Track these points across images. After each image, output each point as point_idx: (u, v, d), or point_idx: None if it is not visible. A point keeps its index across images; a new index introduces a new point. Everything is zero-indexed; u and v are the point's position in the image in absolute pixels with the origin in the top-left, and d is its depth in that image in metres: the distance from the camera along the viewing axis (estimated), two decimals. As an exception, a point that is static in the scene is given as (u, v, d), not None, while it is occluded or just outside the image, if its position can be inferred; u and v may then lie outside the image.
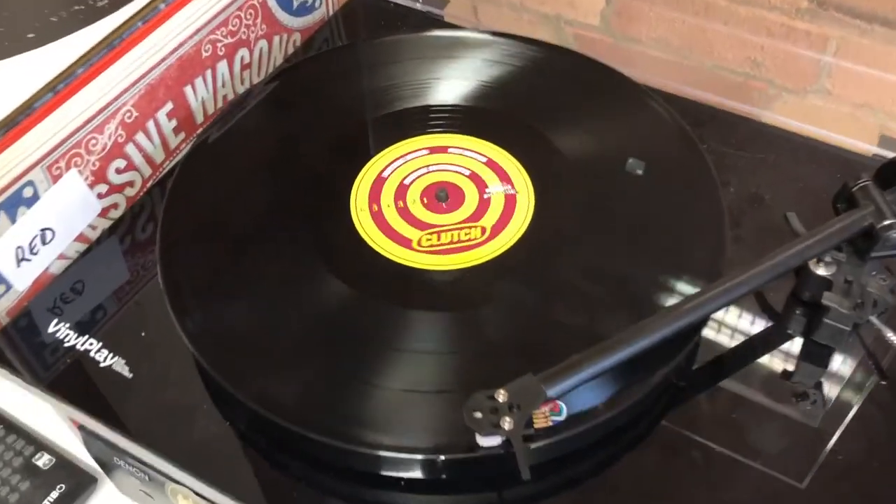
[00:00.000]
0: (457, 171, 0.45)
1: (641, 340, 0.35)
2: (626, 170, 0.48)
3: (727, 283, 0.37)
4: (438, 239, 0.43)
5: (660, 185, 0.45)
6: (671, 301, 0.39)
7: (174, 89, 0.47)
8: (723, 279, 0.37)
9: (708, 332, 0.41)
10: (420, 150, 0.47)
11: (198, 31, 0.47)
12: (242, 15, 0.50)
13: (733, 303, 0.39)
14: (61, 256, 0.44)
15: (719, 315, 0.42)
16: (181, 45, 0.46)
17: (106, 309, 0.46)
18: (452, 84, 0.51)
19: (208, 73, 0.49)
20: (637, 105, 0.49)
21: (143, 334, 0.42)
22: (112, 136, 0.44)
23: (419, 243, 0.42)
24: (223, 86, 0.51)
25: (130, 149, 0.46)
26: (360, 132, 0.49)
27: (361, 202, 0.44)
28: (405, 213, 0.44)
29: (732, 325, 0.42)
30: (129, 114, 0.44)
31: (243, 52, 0.51)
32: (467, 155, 0.46)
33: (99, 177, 0.44)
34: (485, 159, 0.46)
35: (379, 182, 0.45)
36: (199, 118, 0.50)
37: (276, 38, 0.54)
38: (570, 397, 0.35)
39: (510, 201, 0.43)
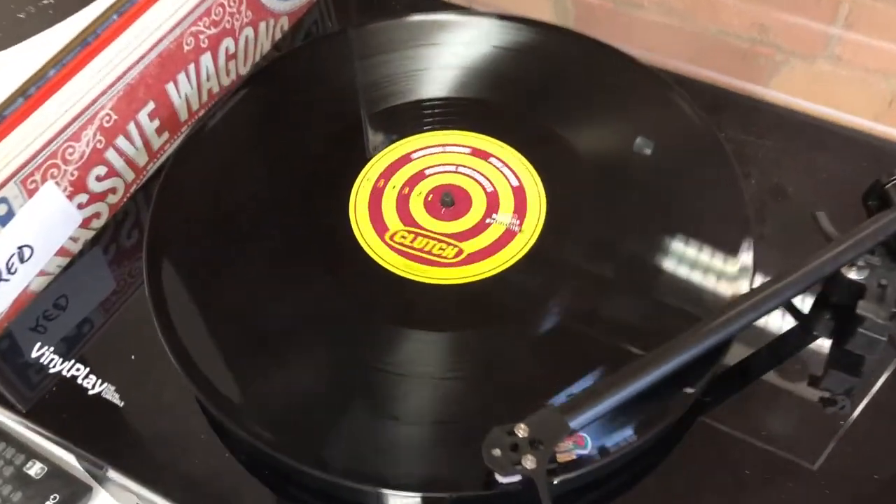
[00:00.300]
0: (480, 184, 0.42)
1: (670, 363, 0.33)
2: (634, 150, 0.46)
3: (758, 296, 0.35)
4: (412, 241, 0.40)
5: (679, 184, 0.42)
6: (696, 313, 0.37)
7: (155, 88, 0.44)
8: (753, 292, 0.35)
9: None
10: (463, 146, 0.44)
11: (178, 23, 0.43)
12: (226, 3, 0.46)
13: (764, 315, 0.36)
14: (42, 273, 0.42)
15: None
16: (161, 39, 0.43)
17: (92, 322, 0.44)
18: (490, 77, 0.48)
19: (191, 67, 0.46)
20: (656, 98, 0.46)
21: (132, 357, 0.40)
22: (90, 143, 0.41)
23: (392, 237, 0.40)
24: (207, 79, 0.47)
25: (111, 154, 0.43)
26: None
27: (373, 174, 0.43)
28: (403, 201, 0.41)
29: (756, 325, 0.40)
30: (107, 117, 0.41)
31: (228, 43, 0.48)
32: (503, 171, 0.43)
33: (78, 187, 0.41)
34: (516, 183, 0.42)
35: (403, 160, 0.43)
36: (184, 115, 0.47)
37: (263, 25, 0.51)
38: (594, 426, 0.33)
39: (507, 237, 0.40)
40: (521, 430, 0.31)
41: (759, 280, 0.38)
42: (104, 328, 0.43)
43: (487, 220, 0.40)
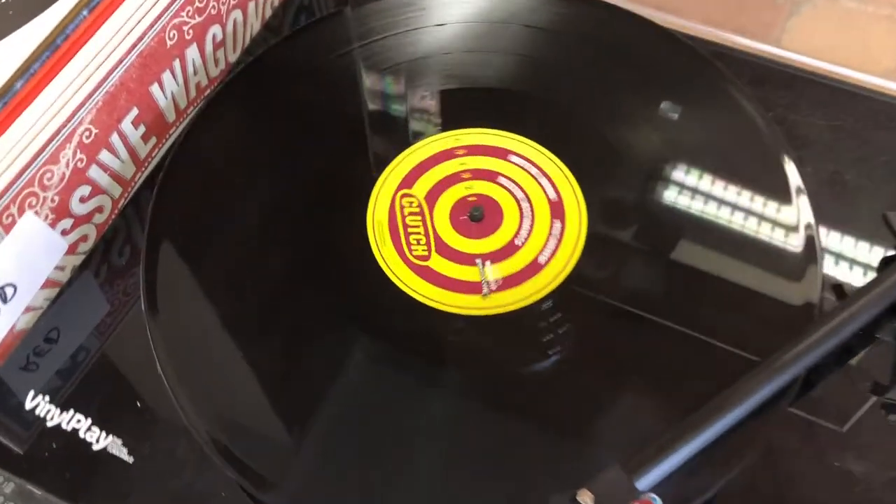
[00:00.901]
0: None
1: (744, 404, 0.30)
2: (659, 114, 0.42)
3: (833, 321, 0.31)
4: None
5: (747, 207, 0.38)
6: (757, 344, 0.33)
7: (138, 92, 0.38)
8: (829, 315, 0.32)
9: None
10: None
11: (159, 17, 0.38)
12: (210, -13, 0.41)
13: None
14: (28, 309, 0.37)
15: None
16: (141, 38, 0.37)
17: (88, 349, 0.40)
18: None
19: (176, 63, 0.40)
20: (712, 90, 0.41)
21: (138, 404, 0.36)
22: (70, 163, 0.36)
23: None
24: (195, 73, 0.42)
25: (94, 172, 0.38)
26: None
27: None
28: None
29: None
30: (87, 132, 0.36)
31: (215, 30, 0.42)
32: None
33: (61, 212, 0.37)
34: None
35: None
36: (171, 116, 0.42)
37: (252, 5, 0.45)
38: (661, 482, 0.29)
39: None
40: (587, 498, 0.28)
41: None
42: (102, 360, 0.39)
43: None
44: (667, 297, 0.35)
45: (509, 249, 0.35)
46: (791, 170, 0.38)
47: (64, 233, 0.38)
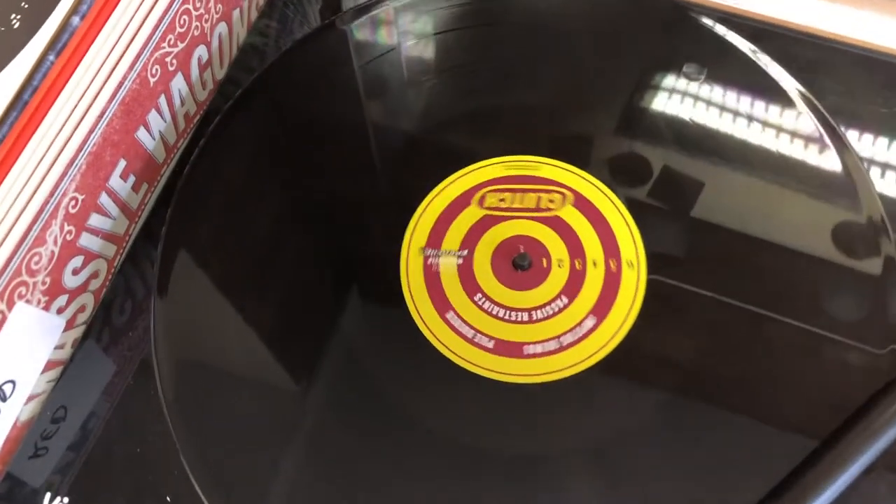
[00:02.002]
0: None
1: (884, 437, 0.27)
2: (682, 76, 0.38)
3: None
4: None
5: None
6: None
7: (123, 142, 0.34)
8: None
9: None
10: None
11: (139, 55, 0.33)
12: (191, 7, 0.35)
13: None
14: (31, 398, 0.34)
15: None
16: (121, 83, 0.32)
17: (97, 415, 0.37)
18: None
19: (162, 99, 0.35)
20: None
21: (168, 498, 0.33)
22: (58, 240, 0.32)
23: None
24: (182, 104, 0.37)
25: (85, 239, 0.33)
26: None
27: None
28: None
29: None
30: (73, 202, 0.32)
31: (200, 52, 0.37)
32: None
33: (54, 291, 0.32)
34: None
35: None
36: (161, 156, 0.37)
37: (236, 13, 0.40)
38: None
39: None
40: None
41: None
42: (114, 432, 0.36)
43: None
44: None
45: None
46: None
47: (60, 311, 0.34)
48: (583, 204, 0.34)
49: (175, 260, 0.35)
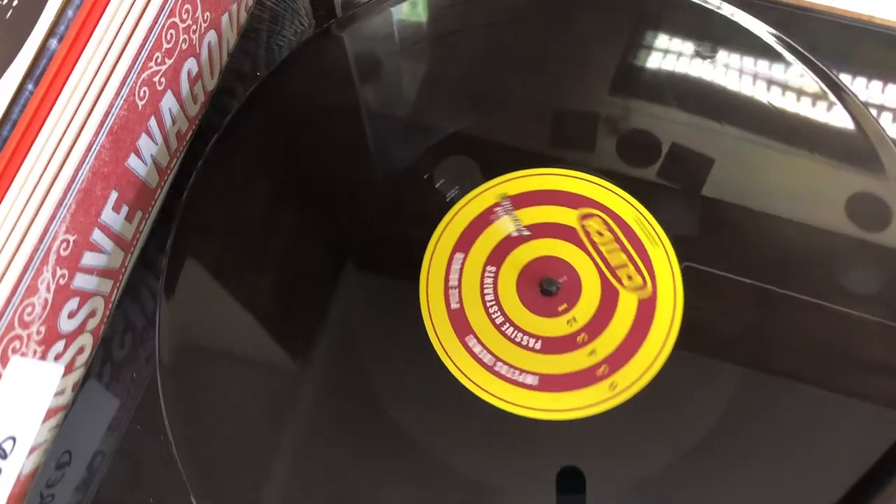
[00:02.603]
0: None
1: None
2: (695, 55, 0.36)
3: None
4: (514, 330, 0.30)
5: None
6: None
7: (114, 173, 0.31)
8: None
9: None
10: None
11: (125, 78, 0.30)
12: (178, 20, 0.32)
13: None
14: (33, 449, 0.32)
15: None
16: (108, 112, 0.30)
17: (104, 452, 0.35)
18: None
19: (152, 122, 0.33)
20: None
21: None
22: (51, 286, 0.29)
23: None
24: (174, 123, 0.35)
25: (79, 280, 0.31)
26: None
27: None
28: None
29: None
30: (64, 245, 0.29)
31: (189, 65, 0.34)
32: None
33: (50, 338, 0.30)
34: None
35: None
36: (154, 181, 0.34)
37: (225, 18, 0.37)
38: None
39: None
40: None
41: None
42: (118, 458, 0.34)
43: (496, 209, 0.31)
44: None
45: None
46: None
47: (57, 357, 0.31)
48: (647, 309, 0.31)
49: (181, 271, 0.32)
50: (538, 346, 0.30)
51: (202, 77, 0.36)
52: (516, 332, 0.30)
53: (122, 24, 0.30)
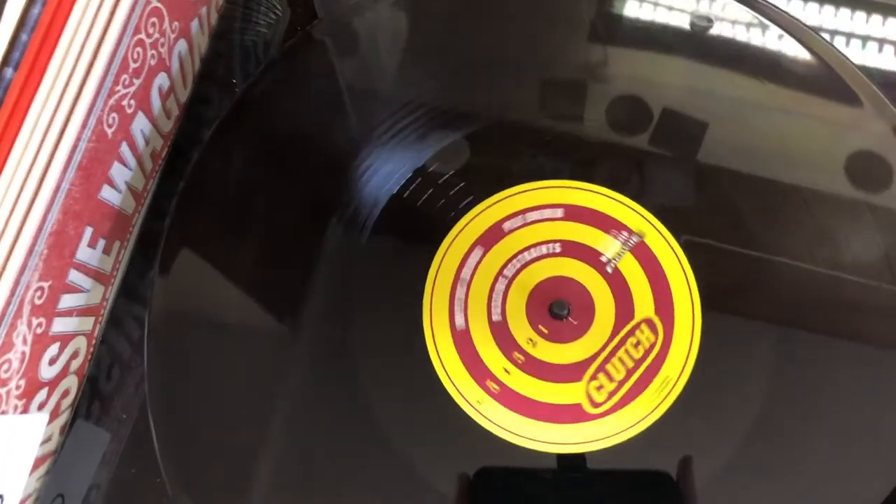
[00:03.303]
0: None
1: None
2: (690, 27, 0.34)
3: None
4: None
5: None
6: None
7: (86, 209, 0.29)
8: None
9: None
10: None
11: (91, 107, 0.27)
12: (143, 36, 0.30)
13: None
14: (22, 501, 0.30)
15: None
16: (75, 146, 0.27)
17: (98, 485, 0.34)
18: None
19: (123, 147, 0.30)
20: None
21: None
22: (28, 338, 0.27)
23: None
24: (147, 144, 0.32)
25: (58, 325, 0.29)
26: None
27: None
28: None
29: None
30: (38, 293, 0.27)
31: (160, 81, 0.32)
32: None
33: (31, 390, 0.28)
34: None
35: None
36: (130, 208, 0.32)
37: (195, 24, 0.34)
38: None
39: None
40: None
41: None
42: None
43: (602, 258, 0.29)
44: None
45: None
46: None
47: (41, 406, 0.30)
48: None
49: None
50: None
51: (174, 90, 0.33)
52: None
53: (82, 47, 0.27)
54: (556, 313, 0.29)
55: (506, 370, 0.28)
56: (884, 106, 0.32)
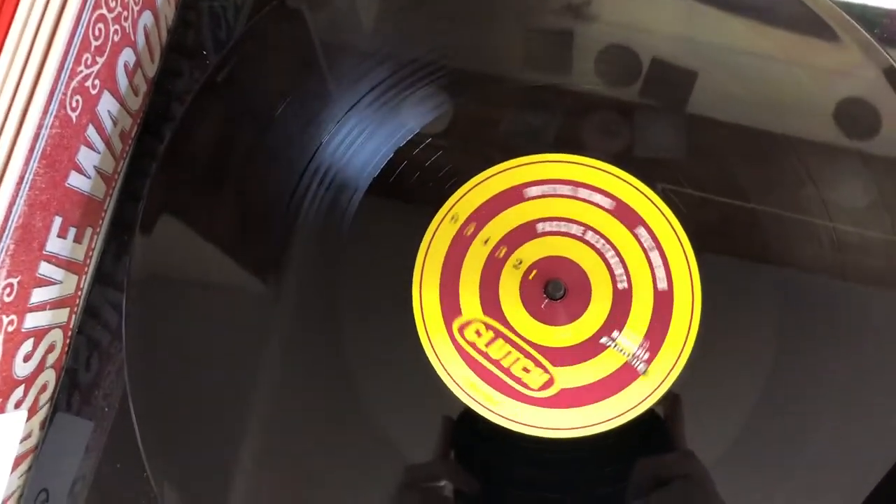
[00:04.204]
0: (612, 271, 0.28)
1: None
2: None
3: None
4: (487, 344, 0.28)
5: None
6: None
7: (54, 198, 0.27)
8: None
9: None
10: (608, 195, 0.29)
11: (52, 93, 0.26)
12: (105, 10, 0.28)
13: None
14: (4, 502, 0.29)
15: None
16: (37, 135, 0.26)
17: (84, 477, 0.33)
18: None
19: (90, 131, 0.29)
20: None
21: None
22: (-1, 338, 0.26)
23: (461, 329, 0.28)
24: (115, 124, 0.30)
25: (31, 320, 0.28)
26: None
27: (463, 210, 0.29)
28: (492, 269, 0.29)
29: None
30: (8, 290, 0.26)
31: (126, 57, 0.30)
32: (651, 256, 0.28)
33: (7, 388, 0.27)
34: (664, 286, 0.28)
35: (511, 196, 0.29)
36: (100, 192, 0.31)
37: (160, -7, 0.32)
38: None
39: (622, 376, 0.27)
40: None
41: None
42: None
43: (602, 339, 0.28)
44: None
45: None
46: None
47: (18, 404, 0.28)
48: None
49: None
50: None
51: (141, 66, 0.31)
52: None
53: (38, 27, 0.26)
54: (550, 293, 0.28)
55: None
56: (875, 51, 0.31)
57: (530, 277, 0.28)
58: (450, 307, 0.28)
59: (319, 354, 0.29)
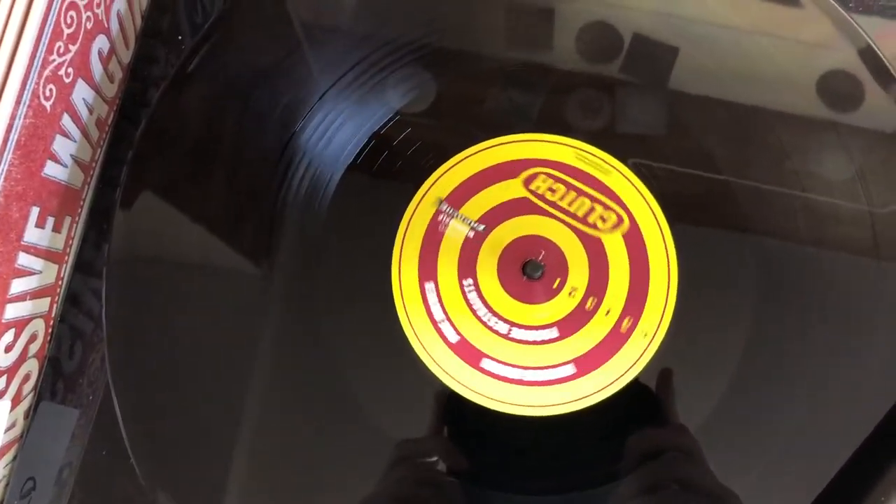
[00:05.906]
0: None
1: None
2: None
3: None
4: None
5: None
6: None
7: (30, 188, 0.27)
8: None
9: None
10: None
11: (24, 83, 0.25)
12: (76, -2, 0.27)
13: None
14: (-9, 490, 0.30)
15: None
16: (10, 126, 0.25)
17: (71, 462, 0.33)
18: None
19: (65, 120, 0.28)
20: None
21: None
22: (-21, 329, 0.26)
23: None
24: (91, 112, 0.30)
25: (11, 311, 0.28)
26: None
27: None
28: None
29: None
30: (-15, 282, 0.26)
31: (100, 44, 0.30)
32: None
33: (-12, 380, 0.27)
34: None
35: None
36: (78, 181, 0.31)
37: (133, -22, 0.32)
38: None
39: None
40: None
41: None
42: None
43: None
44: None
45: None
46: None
47: (1, 394, 0.29)
48: (634, 239, 0.29)
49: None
50: (555, 334, 0.28)
51: (116, 52, 0.31)
52: (526, 331, 0.28)
53: (7, 16, 0.25)
54: (531, 276, 0.28)
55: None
56: (849, 25, 0.31)
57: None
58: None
59: (300, 337, 0.29)
